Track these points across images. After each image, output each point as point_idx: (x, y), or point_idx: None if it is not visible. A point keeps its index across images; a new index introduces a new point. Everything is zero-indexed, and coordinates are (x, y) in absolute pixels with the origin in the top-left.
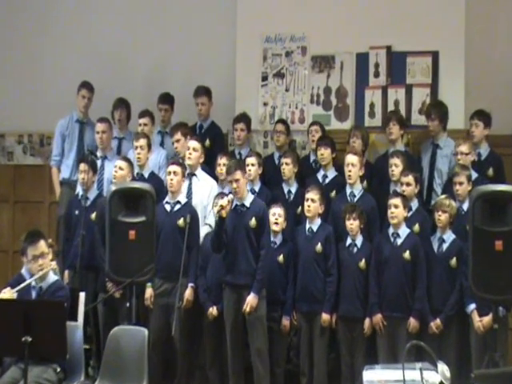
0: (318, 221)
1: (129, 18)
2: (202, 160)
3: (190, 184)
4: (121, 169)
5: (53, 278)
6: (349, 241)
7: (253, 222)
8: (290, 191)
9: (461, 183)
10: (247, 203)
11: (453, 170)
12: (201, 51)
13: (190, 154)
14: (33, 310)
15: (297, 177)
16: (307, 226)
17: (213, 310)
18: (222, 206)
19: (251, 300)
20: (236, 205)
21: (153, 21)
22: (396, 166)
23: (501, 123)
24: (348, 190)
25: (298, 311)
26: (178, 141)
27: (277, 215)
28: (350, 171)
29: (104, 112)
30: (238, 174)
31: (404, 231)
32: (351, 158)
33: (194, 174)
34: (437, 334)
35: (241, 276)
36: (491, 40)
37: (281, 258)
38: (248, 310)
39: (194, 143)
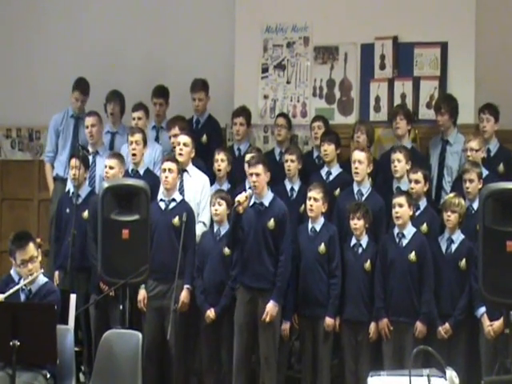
0: (322, 220)
1: (123, 10)
2: (193, 155)
3: (182, 181)
4: (111, 168)
5: (42, 279)
6: (353, 241)
7: (271, 223)
8: (292, 188)
9: (471, 181)
10: (266, 202)
11: (462, 167)
12: (198, 42)
13: (180, 149)
14: (21, 313)
15: (300, 174)
16: (310, 225)
17: (210, 313)
18: (239, 201)
19: (271, 309)
20: (254, 202)
21: (148, 12)
22: (399, 161)
23: (511, 118)
24: (355, 188)
25: (300, 315)
26: (175, 135)
27: None
28: (356, 168)
29: (99, 106)
30: (260, 169)
31: (410, 231)
32: (358, 155)
33: (186, 170)
34: (445, 338)
35: (255, 279)
36: (502, 31)
37: None
38: (268, 319)
39: (184, 138)
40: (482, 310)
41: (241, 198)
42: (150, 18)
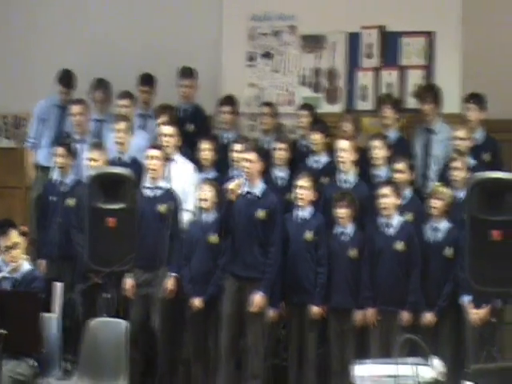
0: (309, 208)
1: None
2: (179, 143)
3: (169, 169)
4: (94, 160)
5: (27, 267)
6: (339, 229)
7: (262, 213)
8: (280, 177)
9: (458, 169)
10: (258, 192)
11: (449, 156)
12: (185, 30)
13: (166, 141)
14: (6, 301)
15: (287, 162)
16: (298, 213)
17: (197, 302)
18: (231, 189)
19: (259, 299)
20: (246, 191)
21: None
22: (378, 148)
23: (499, 107)
24: (341, 177)
25: (288, 303)
26: (164, 123)
27: None
28: (341, 157)
29: (85, 94)
30: (253, 156)
31: (396, 220)
32: (342, 144)
33: (172, 159)
34: (430, 327)
35: (244, 268)
36: (489, 20)
37: None
38: (256, 310)
39: (167, 129)
40: (468, 298)
41: (233, 185)
42: (137, 6)
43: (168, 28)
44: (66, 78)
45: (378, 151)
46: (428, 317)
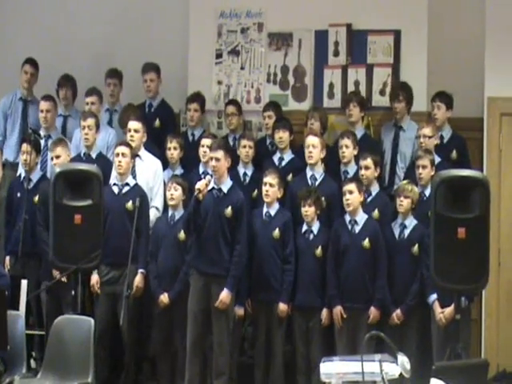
0: (276, 205)
1: None
2: (144, 139)
3: (134, 165)
4: (57, 157)
5: None
6: (305, 227)
7: (228, 210)
8: (245, 174)
9: (424, 167)
10: (225, 189)
11: (415, 154)
12: (152, 27)
13: (131, 136)
14: None
15: (253, 159)
16: (264, 210)
17: (164, 298)
18: (199, 189)
19: (224, 297)
20: (213, 187)
21: None
22: (346, 146)
23: (465, 105)
24: (309, 173)
25: (254, 300)
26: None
27: None
28: (310, 153)
29: (49, 90)
30: (220, 154)
31: (362, 217)
32: (312, 140)
33: (138, 155)
34: (398, 324)
35: (209, 264)
36: (455, 18)
37: None
38: (220, 306)
39: (134, 124)
40: (434, 296)
41: (201, 185)
42: (103, 2)
43: (134, 25)
44: (31, 60)
45: (347, 149)
46: (396, 315)
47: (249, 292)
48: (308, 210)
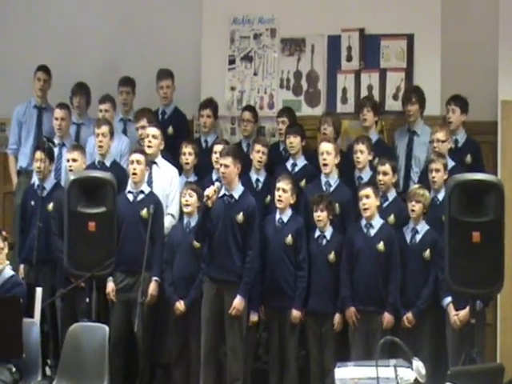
0: (289, 211)
1: (89, 0)
2: (161, 147)
3: (150, 173)
4: (74, 160)
5: (8, 272)
6: (317, 233)
7: (240, 216)
8: (258, 180)
9: (437, 170)
10: (236, 195)
11: (429, 158)
12: (165, 34)
13: (149, 141)
14: None
15: (265, 165)
16: (277, 216)
17: (179, 305)
18: (207, 195)
19: (237, 303)
20: (224, 194)
21: (114, 2)
22: (361, 152)
23: (479, 109)
24: (323, 180)
25: (267, 306)
26: (143, 127)
27: None
28: (325, 159)
29: (63, 98)
30: (229, 160)
31: (377, 222)
32: (326, 146)
33: (155, 162)
34: (409, 328)
35: (221, 271)
36: (468, 22)
37: None
38: (234, 313)
39: (153, 130)
40: (448, 299)
41: (209, 192)
42: (116, 9)
43: (147, 32)
44: (44, 67)
45: (361, 155)
46: (406, 318)
47: (262, 298)
48: (320, 215)
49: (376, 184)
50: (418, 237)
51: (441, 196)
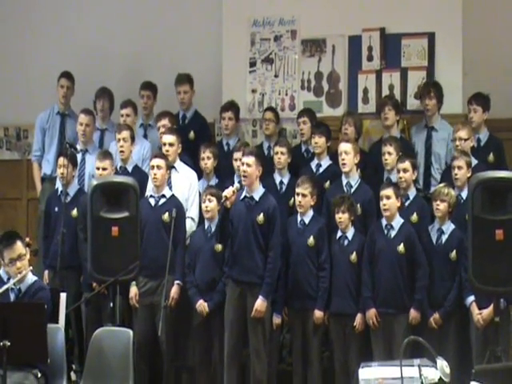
0: (311, 213)
1: (110, 6)
2: (179, 151)
3: (169, 177)
4: (104, 169)
5: (32, 278)
6: (339, 234)
7: (261, 217)
8: (281, 182)
9: (460, 167)
10: (257, 196)
11: (450, 155)
12: (185, 37)
13: (167, 150)
14: (11, 312)
15: (288, 167)
16: (299, 218)
17: (203, 304)
18: (226, 196)
19: (259, 305)
20: (245, 196)
21: (135, 7)
22: (389, 153)
23: (501, 107)
24: (344, 180)
25: (290, 308)
26: (164, 126)
27: None
28: (343, 160)
29: (86, 104)
30: (252, 160)
31: (398, 222)
32: (344, 146)
33: (173, 167)
34: (435, 328)
35: (244, 272)
36: (489, 20)
37: None
38: (256, 315)
39: (169, 138)
40: (471, 298)
41: (227, 192)
42: (137, 14)
43: (168, 36)
44: (67, 73)
45: (390, 156)
46: (433, 319)
47: (285, 300)
48: (342, 217)
49: (397, 184)
50: (444, 237)
51: (464, 194)
